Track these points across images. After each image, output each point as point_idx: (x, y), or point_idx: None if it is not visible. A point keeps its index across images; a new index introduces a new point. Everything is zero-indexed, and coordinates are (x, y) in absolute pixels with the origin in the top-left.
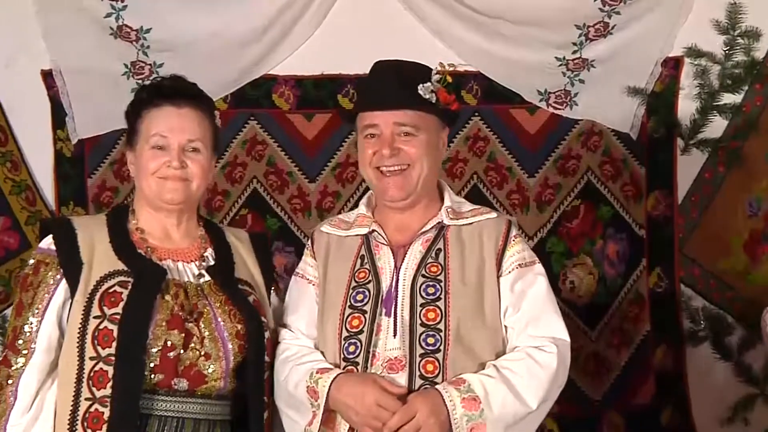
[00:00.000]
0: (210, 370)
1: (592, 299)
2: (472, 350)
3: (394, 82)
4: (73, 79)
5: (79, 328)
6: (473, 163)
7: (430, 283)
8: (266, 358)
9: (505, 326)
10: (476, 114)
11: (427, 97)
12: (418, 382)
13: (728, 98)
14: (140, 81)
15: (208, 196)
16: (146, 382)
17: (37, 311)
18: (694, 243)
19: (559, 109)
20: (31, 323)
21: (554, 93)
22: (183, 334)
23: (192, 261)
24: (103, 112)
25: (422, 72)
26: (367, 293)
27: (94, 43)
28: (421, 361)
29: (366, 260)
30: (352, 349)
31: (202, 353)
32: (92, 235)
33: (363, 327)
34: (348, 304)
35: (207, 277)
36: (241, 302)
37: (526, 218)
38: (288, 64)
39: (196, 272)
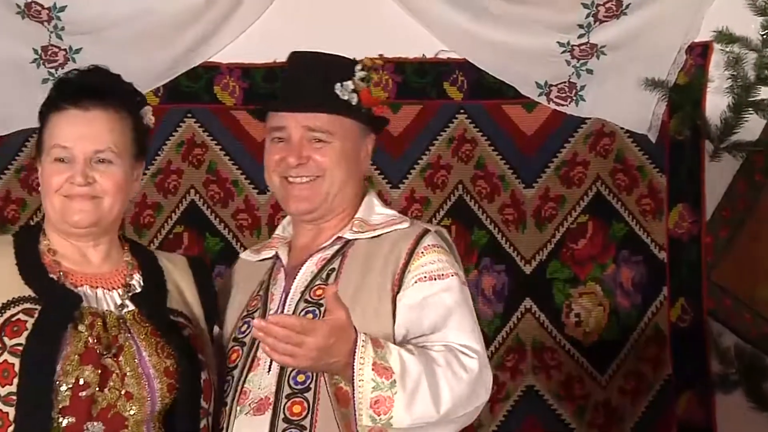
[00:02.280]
0: (131, 413)
1: (601, 336)
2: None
3: (308, 79)
4: None
5: None
6: (458, 171)
7: (311, 309)
8: (203, 403)
9: None
10: (462, 111)
11: (346, 98)
12: (281, 426)
13: (766, 92)
14: (53, 70)
15: (135, 210)
16: (53, 427)
17: None
18: (726, 268)
19: (563, 105)
20: None
21: (556, 86)
22: (99, 371)
23: (114, 288)
24: (6, 108)
25: (343, 67)
26: (250, 323)
27: None
28: (286, 402)
29: (264, 286)
30: (225, 387)
31: (123, 393)
32: None
33: (238, 361)
34: (233, 336)
35: (131, 307)
36: (173, 335)
37: (522, 237)
38: (233, 50)
39: (119, 301)
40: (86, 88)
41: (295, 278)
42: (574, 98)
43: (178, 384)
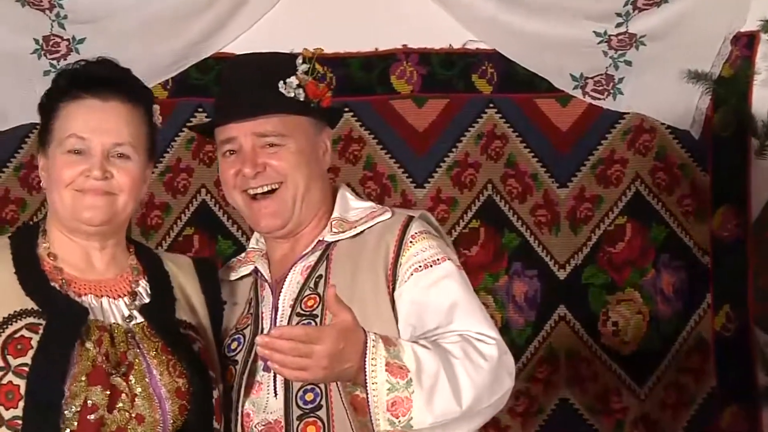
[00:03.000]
0: None
1: (641, 346)
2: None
3: (248, 83)
4: None
5: None
6: (487, 169)
7: (305, 322)
8: (215, 424)
9: None
10: (491, 105)
11: (292, 95)
12: None
13: None
14: (55, 61)
15: (142, 211)
16: None
17: None
18: None
19: (599, 98)
20: None
21: (593, 78)
22: (108, 391)
23: (120, 297)
24: (6, 102)
25: (284, 64)
26: (241, 340)
27: None
28: (299, 424)
29: (252, 304)
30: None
31: (133, 415)
32: None
33: (233, 382)
34: (221, 354)
35: (139, 319)
36: (183, 351)
37: (556, 240)
38: (244, 41)
39: (126, 312)
40: (102, 78)
41: (281, 292)
42: (612, 91)
43: (190, 405)
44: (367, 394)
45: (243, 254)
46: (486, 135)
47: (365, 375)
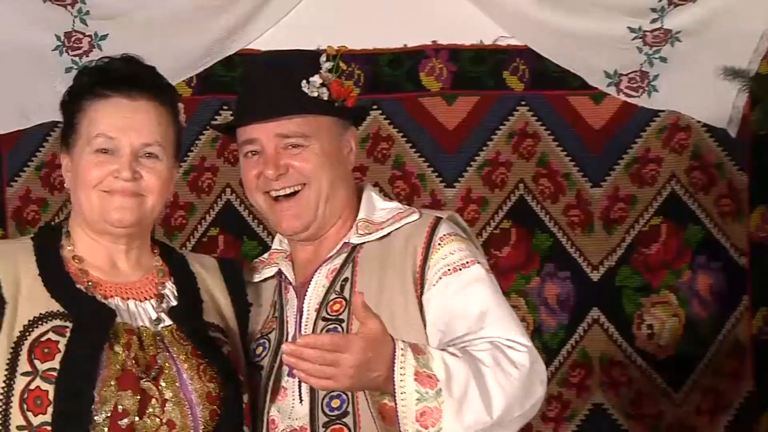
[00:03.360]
0: None
1: (676, 350)
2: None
3: (271, 83)
4: None
5: (3, 389)
6: (519, 168)
7: (331, 326)
8: (245, 430)
9: None
10: (523, 103)
11: (315, 94)
12: None
13: None
14: (77, 58)
15: (166, 211)
16: None
17: None
18: None
19: (634, 96)
20: None
21: (627, 75)
22: (138, 396)
23: (146, 299)
24: (26, 100)
25: (308, 62)
26: (266, 345)
27: (14, 7)
28: (325, 431)
29: (276, 306)
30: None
31: (164, 420)
32: (16, 264)
33: (258, 387)
34: (248, 359)
35: (167, 322)
36: (214, 355)
37: (589, 241)
38: (270, 38)
39: (153, 315)
40: (130, 76)
41: (306, 295)
42: (647, 89)
43: (221, 410)
44: (395, 404)
45: (266, 255)
46: (517, 133)
47: (394, 385)
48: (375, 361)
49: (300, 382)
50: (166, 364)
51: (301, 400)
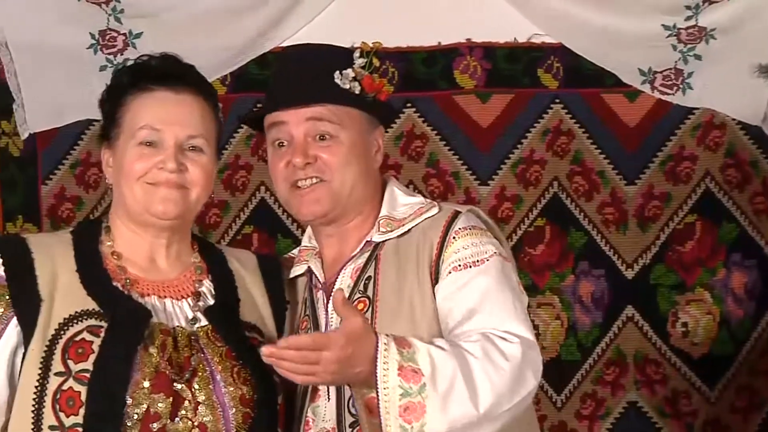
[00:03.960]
0: None
1: (711, 348)
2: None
3: (303, 73)
4: (22, 54)
5: (36, 388)
6: (553, 166)
7: None
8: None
9: None
10: (557, 100)
11: (348, 87)
12: None
13: None
14: (111, 56)
15: (201, 209)
16: None
17: None
18: None
19: (668, 94)
20: None
21: (661, 73)
22: (171, 399)
23: (183, 297)
24: (61, 98)
25: (341, 56)
26: None
27: (49, 6)
28: (351, 431)
29: (308, 305)
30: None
31: (195, 423)
32: (54, 260)
33: (299, 389)
34: None
35: (203, 322)
36: (248, 357)
37: (623, 239)
38: (304, 36)
39: (189, 314)
40: (173, 71)
41: (332, 295)
42: (681, 86)
43: (254, 413)
44: (377, 399)
45: (295, 251)
46: (552, 131)
47: (376, 379)
48: (356, 356)
49: None
50: (200, 366)
51: (328, 399)
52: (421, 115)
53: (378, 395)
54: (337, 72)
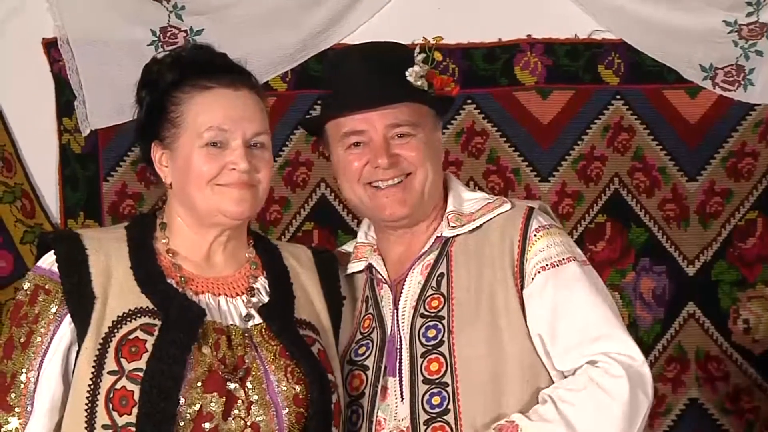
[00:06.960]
0: None
1: None
2: (496, 403)
3: (371, 73)
4: (84, 51)
5: (89, 387)
6: (614, 162)
7: (431, 323)
8: (333, 430)
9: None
10: (618, 96)
11: (419, 83)
12: None
13: None
14: None
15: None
16: None
17: (33, 355)
18: None
19: (730, 90)
20: (28, 373)
21: (723, 69)
22: (224, 398)
23: (237, 295)
24: (123, 95)
25: (404, 53)
26: (369, 345)
27: (111, 3)
28: (426, 429)
29: (370, 302)
30: (354, 418)
31: (248, 423)
32: (108, 256)
33: (364, 388)
34: (347, 359)
35: (258, 319)
36: (303, 356)
37: (684, 236)
38: (364, 32)
39: (244, 312)
40: (227, 66)
41: (402, 292)
42: (742, 83)
43: (308, 413)
44: None
45: (350, 247)
46: (613, 127)
47: None
48: None
49: (401, 380)
50: (254, 365)
51: (402, 399)
52: (482, 112)
53: None
54: (410, 69)
